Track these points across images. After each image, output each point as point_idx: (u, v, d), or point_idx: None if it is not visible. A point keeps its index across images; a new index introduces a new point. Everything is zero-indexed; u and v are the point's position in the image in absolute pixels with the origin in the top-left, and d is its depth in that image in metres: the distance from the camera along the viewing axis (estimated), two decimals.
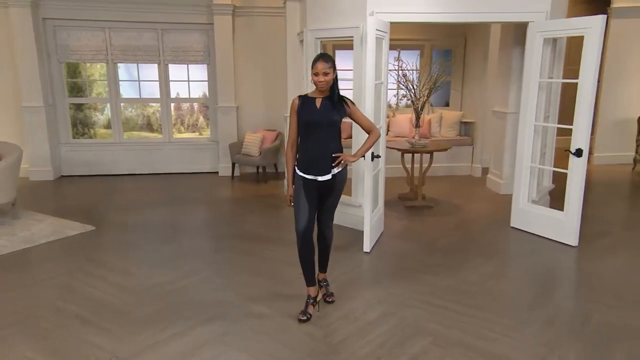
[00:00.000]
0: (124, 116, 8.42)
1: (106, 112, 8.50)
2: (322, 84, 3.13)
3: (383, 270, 4.21)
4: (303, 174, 3.24)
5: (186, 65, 7.99)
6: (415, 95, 5.87)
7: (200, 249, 4.75)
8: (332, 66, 3.13)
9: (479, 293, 3.73)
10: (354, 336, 3.12)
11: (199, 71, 8.13)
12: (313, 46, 5.26)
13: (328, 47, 7.41)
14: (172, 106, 8.42)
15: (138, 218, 5.65)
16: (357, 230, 4.95)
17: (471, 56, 8.04)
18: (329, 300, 3.56)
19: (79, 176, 7.79)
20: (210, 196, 6.82)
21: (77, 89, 8.28)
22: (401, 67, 6.04)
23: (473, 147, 7.83)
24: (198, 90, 8.44)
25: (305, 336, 3.14)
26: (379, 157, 4.65)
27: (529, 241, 4.87)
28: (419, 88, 5.91)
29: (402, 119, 7.86)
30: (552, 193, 5.77)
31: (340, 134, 3.30)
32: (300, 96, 3.29)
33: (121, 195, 6.77)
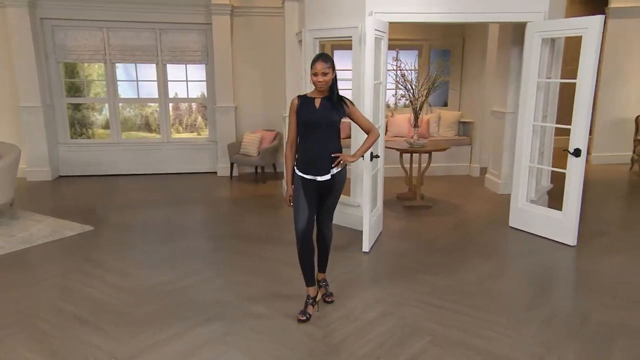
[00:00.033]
0: (122, 116, 8.41)
1: (104, 112, 8.49)
2: (321, 84, 3.13)
3: (382, 270, 4.21)
4: (302, 174, 3.24)
5: (184, 65, 7.99)
6: (413, 95, 5.89)
7: (199, 249, 4.74)
8: (331, 66, 3.13)
9: (478, 293, 3.74)
10: (354, 336, 3.13)
11: (197, 71, 8.12)
12: (312, 46, 5.27)
13: (326, 47, 7.41)
14: (171, 106, 8.41)
15: (136, 218, 5.65)
16: (356, 230, 4.96)
17: (469, 56, 8.05)
18: (328, 300, 3.57)
19: (77, 176, 7.78)
20: (208, 196, 6.81)
21: (75, 89, 8.27)
22: (400, 67, 6.05)
23: (471, 147, 7.84)
24: (196, 90, 8.43)
25: (304, 336, 3.14)
26: (378, 157, 4.65)
27: (528, 241, 4.87)
28: (418, 88, 5.92)
29: (401, 119, 7.88)
30: (551, 193, 5.78)
31: (339, 134, 3.30)
32: (299, 96, 3.29)
33: (119, 195, 6.76)
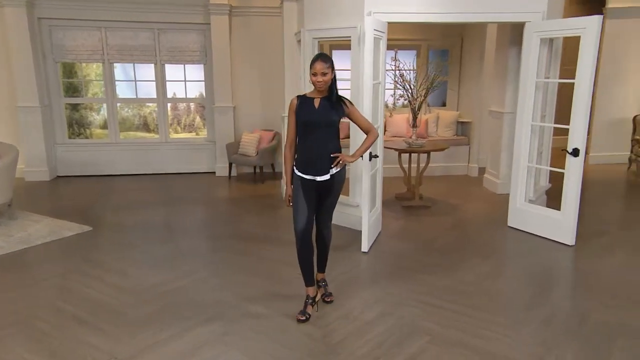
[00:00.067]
0: (121, 116, 8.39)
1: (102, 112, 8.46)
2: (321, 84, 3.14)
3: (381, 270, 4.22)
4: (302, 174, 3.24)
5: (183, 65, 7.98)
6: (412, 95, 5.89)
7: (197, 249, 4.74)
8: (331, 66, 3.14)
9: (476, 292, 3.75)
10: (353, 336, 3.13)
11: (196, 71, 8.11)
12: (310, 46, 5.27)
13: (325, 47, 7.41)
14: (169, 106, 8.40)
15: (135, 218, 5.64)
16: (355, 230, 4.96)
17: (468, 56, 8.06)
18: (328, 300, 3.57)
19: (75, 176, 7.76)
20: (207, 196, 6.81)
21: (73, 89, 8.25)
22: (398, 67, 6.06)
23: (470, 147, 7.85)
24: (195, 90, 8.42)
25: (304, 336, 3.14)
26: (377, 157, 4.66)
27: (526, 240, 4.88)
28: (416, 88, 5.93)
29: (399, 119, 7.88)
30: (549, 192, 5.79)
31: (338, 134, 3.30)
32: (298, 96, 3.29)
33: (118, 195, 6.75)
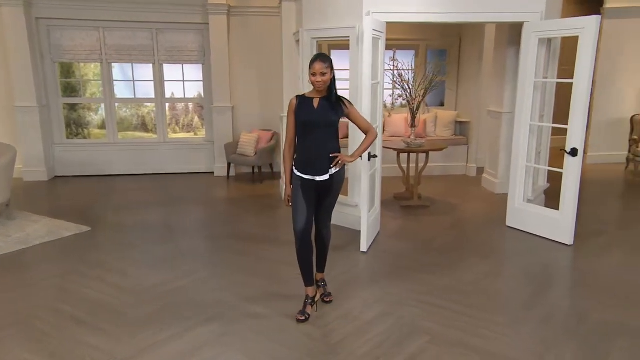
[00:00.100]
0: (119, 116, 8.37)
1: (100, 112, 8.45)
2: (320, 84, 3.14)
3: (380, 269, 4.22)
4: (301, 174, 3.24)
5: (181, 65, 7.97)
6: (410, 95, 5.90)
7: (196, 250, 4.73)
8: (330, 66, 3.14)
9: (475, 292, 3.75)
10: (353, 336, 3.13)
11: (194, 71, 8.10)
12: (309, 46, 5.27)
13: (324, 47, 7.41)
14: (167, 106, 8.38)
15: (134, 218, 5.63)
16: (354, 230, 4.96)
17: (466, 56, 8.07)
18: (327, 300, 3.57)
19: (73, 177, 7.74)
20: (205, 196, 6.80)
21: (71, 89, 8.23)
22: (397, 67, 6.06)
23: (468, 147, 7.86)
24: (193, 90, 8.41)
25: (303, 336, 3.14)
26: (376, 157, 4.66)
27: (525, 240, 4.89)
28: (415, 88, 5.93)
29: (398, 119, 7.89)
30: (547, 192, 5.80)
31: (338, 134, 3.30)
32: (297, 96, 3.29)
33: (116, 195, 6.73)
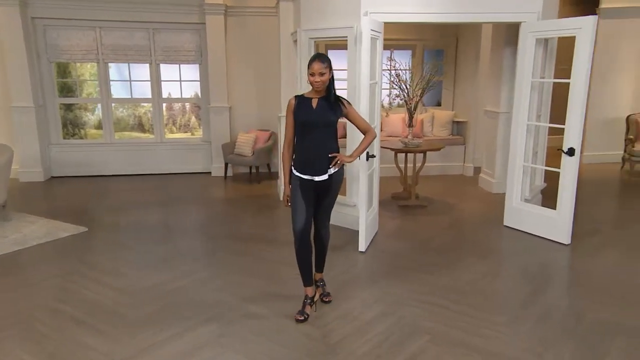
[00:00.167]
0: (115, 116, 8.35)
1: (97, 113, 8.43)
2: (318, 84, 3.14)
3: (379, 269, 4.22)
4: (300, 174, 3.24)
5: (178, 65, 7.95)
6: (408, 95, 5.91)
7: (194, 250, 4.73)
8: (328, 66, 3.14)
9: (474, 292, 3.76)
10: (352, 336, 3.14)
11: (191, 71, 8.09)
12: (307, 46, 5.26)
13: (321, 47, 7.40)
14: (164, 106, 8.37)
15: (131, 219, 5.62)
16: (352, 229, 4.96)
17: (463, 56, 8.09)
18: (326, 300, 3.57)
19: (70, 177, 7.71)
20: (203, 196, 6.79)
21: (67, 89, 8.20)
22: (394, 67, 6.07)
23: (465, 147, 7.88)
24: (190, 90, 8.40)
25: (303, 336, 3.14)
26: (374, 157, 4.66)
27: (522, 239, 4.91)
28: (412, 88, 5.94)
29: (395, 119, 7.90)
30: (544, 192, 5.82)
31: (336, 134, 3.30)
32: (296, 96, 3.29)
33: (113, 196, 6.71)
